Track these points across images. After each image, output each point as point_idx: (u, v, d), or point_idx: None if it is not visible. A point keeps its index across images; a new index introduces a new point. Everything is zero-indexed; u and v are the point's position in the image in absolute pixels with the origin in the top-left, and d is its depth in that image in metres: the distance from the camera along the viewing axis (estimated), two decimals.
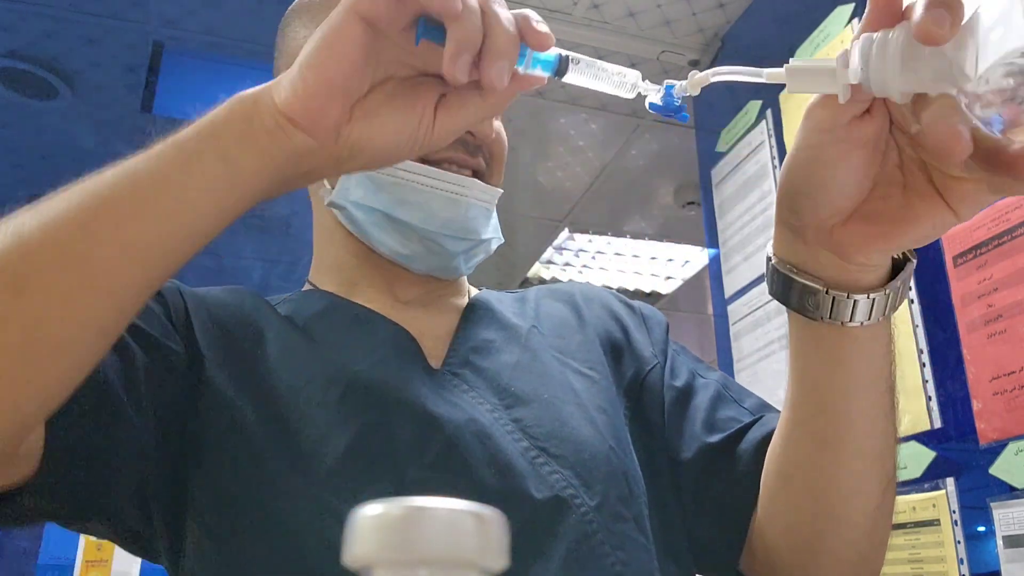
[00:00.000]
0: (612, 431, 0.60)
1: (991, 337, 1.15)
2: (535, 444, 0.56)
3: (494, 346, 0.63)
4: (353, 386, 0.57)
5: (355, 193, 0.63)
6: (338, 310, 0.64)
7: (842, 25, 1.57)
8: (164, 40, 2.00)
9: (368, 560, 0.19)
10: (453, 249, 0.64)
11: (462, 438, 0.55)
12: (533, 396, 0.59)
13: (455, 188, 0.62)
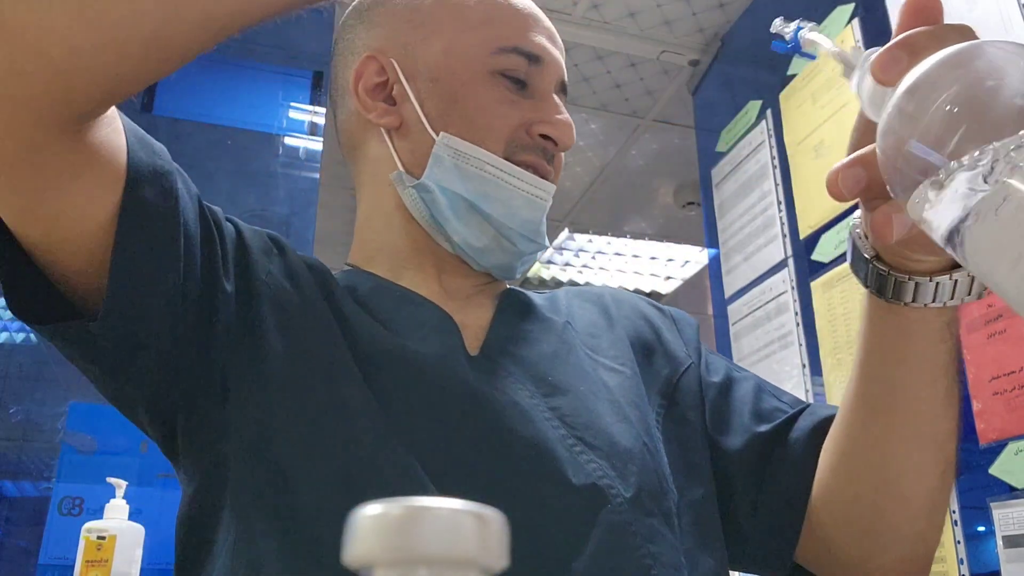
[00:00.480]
0: (644, 428, 0.61)
1: (991, 337, 1.15)
2: (572, 433, 0.57)
3: (531, 336, 0.65)
4: (400, 359, 0.58)
5: (445, 179, 0.65)
6: (384, 291, 0.66)
7: (842, 25, 1.57)
8: None
9: (368, 560, 0.19)
10: (523, 249, 0.66)
11: (504, 419, 0.56)
12: (569, 387, 0.61)
13: (536, 191, 0.65)
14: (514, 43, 0.66)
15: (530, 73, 0.66)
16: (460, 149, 0.64)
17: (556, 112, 0.66)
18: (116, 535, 1.29)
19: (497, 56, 0.66)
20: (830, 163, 1.64)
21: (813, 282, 1.57)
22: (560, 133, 0.66)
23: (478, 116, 0.65)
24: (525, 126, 0.66)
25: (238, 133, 1.94)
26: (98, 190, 0.50)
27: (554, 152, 0.68)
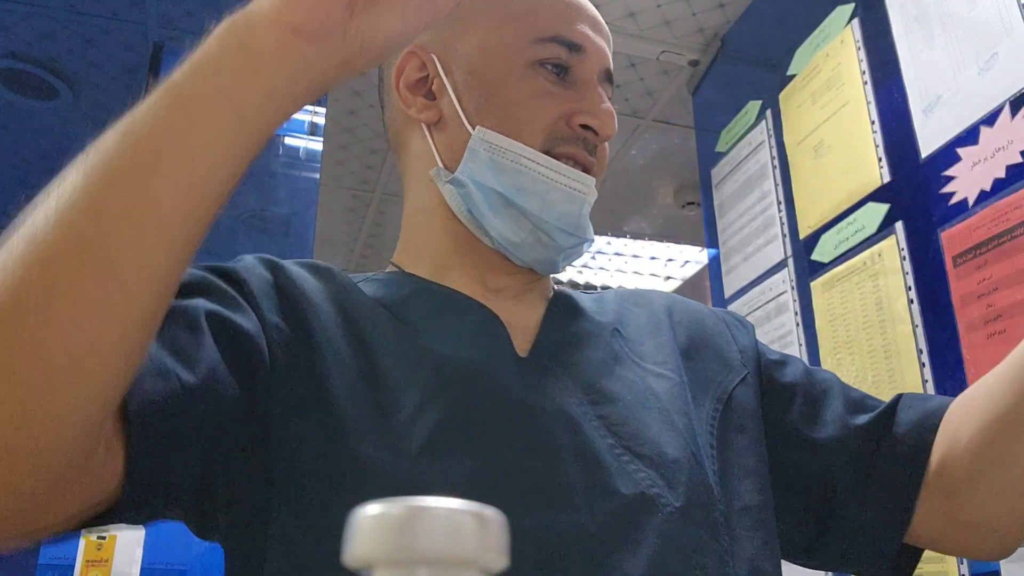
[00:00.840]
0: (692, 436, 0.59)
1: (991, 337, 1.15)
2: (620, 442, 0.56)
3: (580, 341, 0.64)
4: (442, 368, 0.56)
5: (479, 173, 0.64)
6: (427, 293, 0.64)
7: (842, 25, 1.57)
8: (164, 41, 2.00)
9: (368, 560, 0.19)
10: (563, 244, 0.65)
11: (552, 427, 0.55)
12: (617, 396, 0.59)
13: (575, 184, 0.64)
14: (554, 32, 0.65)
15: (571, 62, 0.65)
16: (496, 143, 0.63)
17: (598, 102, 0.65)
18: (116, 535, 1.29)
19: (536, 46, 0.65)
20: (830, 163, 1.64)
21: (813, 282, 1.57)
22: (601, 123, 0.65)
23: (515, 109, 0.64)
24: (565, 117, 0.64)
25: None
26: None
27: (596, 143, 0.66)
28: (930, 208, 1.29)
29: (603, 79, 0.68)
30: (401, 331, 0.60)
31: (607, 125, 0.65)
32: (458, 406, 0.55)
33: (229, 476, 0.52)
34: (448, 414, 0.54)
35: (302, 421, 0.53)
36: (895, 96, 1.40)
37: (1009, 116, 1.16)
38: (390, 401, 0.54)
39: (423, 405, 0.54)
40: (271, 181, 1.96)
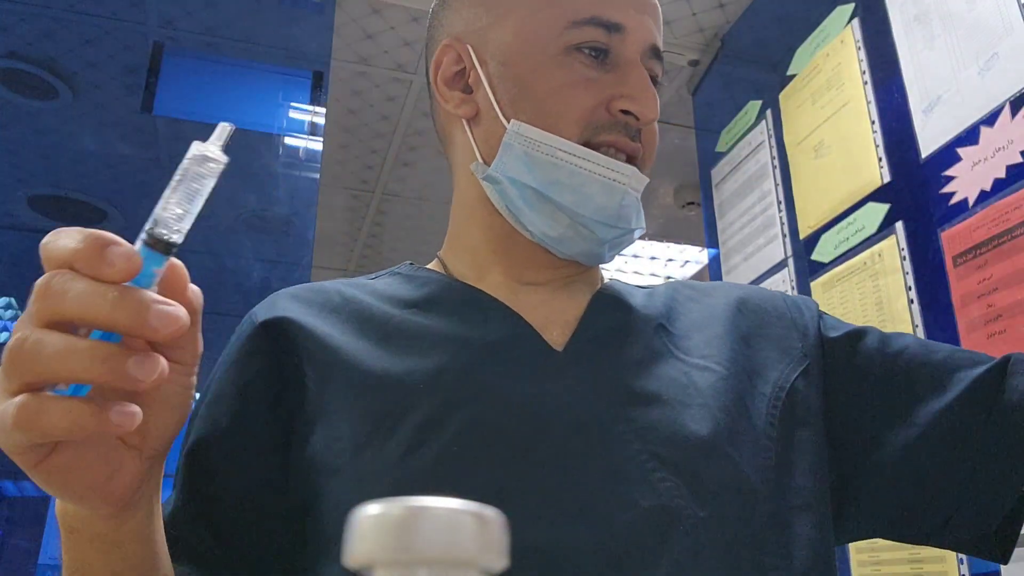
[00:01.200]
0: (732, 437, 0.56)
1: (991, 337, 1.15)
2: (647, 448, 0.54)
3: (620, 336, 0.62)
4: (460, 378, 0.55)
5: (513, 169, 0.62)
6: (449, 294, 0.63)
7: (842, 25, 1.57)
8: (164, 41, 2.00)
9: (368, 560, 0.19)
10: (604, 236, 0.63)
11: (575, 435, 0.53)
12: (652, 397, 0.57)
13: (613, 174, 0.61)
14: (591, 13, 0.62)
15: (612, 43, 0.62)
16: (531, 136, 0.61)
17: (638, 85, 0.62)
18: None
19: (572, 30, 0.62)
20: (830, 163, 1.64)
21: (813, 282, 1.57)
22: (640, 107, 0.61)
23: (549, 100, 0.62)
24: (605, 103, 0.61)
25: (238, 133, 1.93)
26: None
27: (638, 127, 0.63)
28: (930, 208, 1.29)
29: (649, 57, 0.64)
30: (417, 339, 0.59)
31: (649, 108, 0.62)
32: (473, 419, 0.53)
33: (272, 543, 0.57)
34: (462, 427, 0.53)
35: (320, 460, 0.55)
36: (895, 96, 1.40)
37: (1009, 116, 1.16)
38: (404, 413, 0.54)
39: (438, 418, 0.53)
40: (271, 181, 1.96)
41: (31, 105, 2.24)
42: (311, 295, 0.63)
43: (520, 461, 0.52)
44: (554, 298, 0.65)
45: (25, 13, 1.93)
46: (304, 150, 1.94)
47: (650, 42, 0.64)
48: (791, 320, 0.67)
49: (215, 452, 0.57)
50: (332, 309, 0.61)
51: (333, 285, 0.64)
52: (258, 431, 0.57)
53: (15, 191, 2.41)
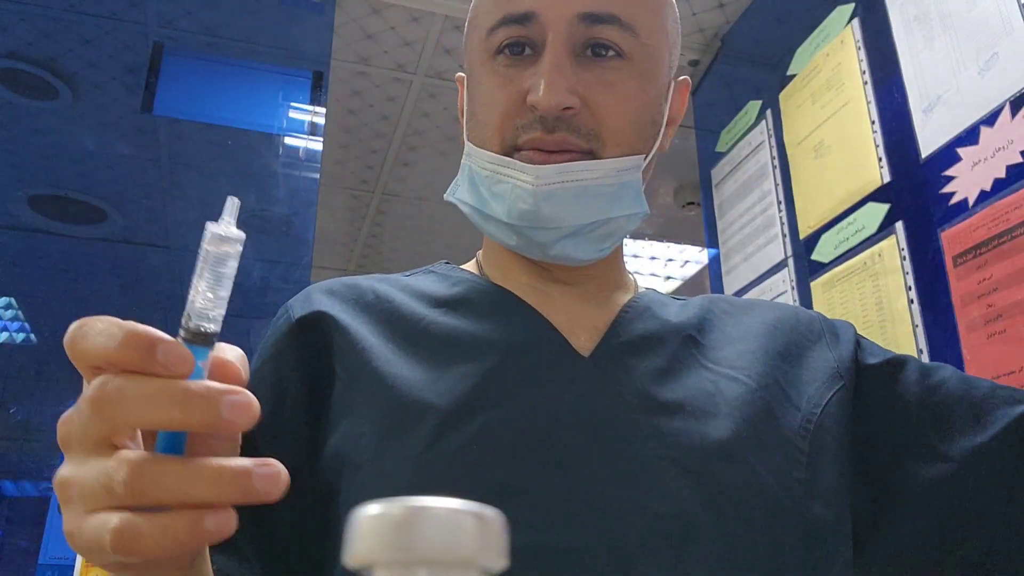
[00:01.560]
0: (757, 447, 0.54)
1: (991, 337, 1.15)
2: (668, 454, 0.53)
3: (647, 346, 0.60)
4: (483, 381, 0.55)
5: (460, 191, 0.63)
6: (479, 295, 0.62)
7: (842, 25, 1.57)
8: (164, 41, 2.00)
9: (368, 560, 0.19)
10: (542, 239, 0.60)
11: (590, 442, 0.53)
12: (676, 407, 0.55)
13: (519, 178, 0.58)
14: (500, 13, 0.59)
15: (531, 34, 0.58)
16: (472, 155, 0.62)
17: (542, 72, 0.57)
18: None
19: (490, 37, 0.60)
20: (830, 163, 1.64)
21: (813, 282, 1.57)
22: (536, 96, 0.56)
23: (479, 112, 0.61)
24: (522, 99, 0.58)
25: (238, 133, 1.94)
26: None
27: (558, 116, 0.57)
28: (930, 208, 1.29)
29: (585, 25, 0.58)
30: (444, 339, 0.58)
31: (544, 99, 0.56)
32: (494, 420, 0.53)
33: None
34: (482, 428, 0.53)
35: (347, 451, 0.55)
36: (895, 96, 1.40)
37: (1009, 116, 1.16)
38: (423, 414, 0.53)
39: (458, 419, 0.53)
40: (271, 181, 1.96)
41: (31, 105, 2.24)
42: (346, 291, 0.63)
43: (537, 463, 0.51)
44: (585, 303, 0.64)
45: (25, 13, 1.93)
46: (304, 150, 1.94)
47: (575, 11, 0.57)
48: (827, 342, 0.66)
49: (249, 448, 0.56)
50: (365, 306, 0.61)
51: (368, 282, 0.64)
52: (293, 428, 0.57)
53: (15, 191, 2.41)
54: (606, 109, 0.58)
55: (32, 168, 2.53)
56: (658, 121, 0.64)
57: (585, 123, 0.58)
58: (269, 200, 1.97)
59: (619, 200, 0.61)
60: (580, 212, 0.59)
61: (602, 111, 0.58)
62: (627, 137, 0.60)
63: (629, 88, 0.59)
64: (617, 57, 0.59)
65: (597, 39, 0.58)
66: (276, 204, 1.97)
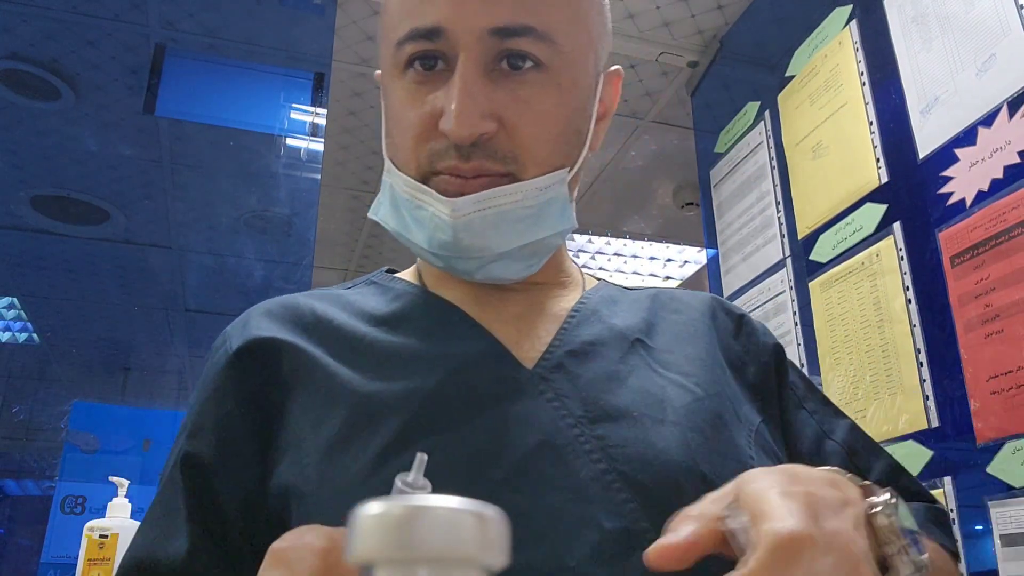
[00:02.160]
0: (708, 455, 0.53)
1: (988, 337, 1.15)
2: (614, 466, 0.51)
3: (593, 351, 0.58)
4: (425, 401, 0.53)
5: (381, 211, 0.61)
6: (419, 309, 0.60)
7: (840, 26, 1.57)
8: (165, 42, 2.01)
9: (369, 559, 0.19)
10: (465, 268, 0.58)
11: (535, 458, 0.51)
12: (623, 413, 0.54)
13: (435, 209, 0.55)
14: (408, 27, 0.54)
15: (442, 48, 0.54)
16: (391, 175, 0.59)
17: (449, 95, 0.53)
18: (118, 533, 1.29)
19: (400, 49, 0.55)
20: (828, 164, 1.64)
21: (811, 282, 1.58)
22: (447, 123, 0.53)
23: (394, 132, 0.57)
24: (435, 122, 0.55)
25: (239, 134, 1.94)
26: None
27: (473, 143, 0.54)
28: (928, 208, 1.30)
29: (497, 39, 0.54)
30: (385, 358, 0.57)
31: (456, 125, 0.52)
32: (436, 442, 0.51)
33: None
34: (424, 451, 0.51)
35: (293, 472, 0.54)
36: (893, 97, 1.41)
37: (1007, 117, 1.17)
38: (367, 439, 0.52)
39: (400, 440, 0.52)
40: (272, 182, 1.96)
41: (33, 106, 2.24)
42: (284, 312, 0.61)
43: (482, 484, 0.50)
44: (529, 309, 0.61)
45: (27, 14, 1.94)
46: (305, 151, 1.95)
47: (485, 26, 0.53)
48: (761, 346, 0.66)
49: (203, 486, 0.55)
50: (304, 328, 0.59)
51: (306, 301, 0.62)
52: (243, 462, 0.55)
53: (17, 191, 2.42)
54: (524, 130, 0.55)
55: (34, 169, 2.54)
56: (583, 129, 0.60)
57: (502, 146, 0.55)
58: (270, 201, 1.97)
59: (543, 220, 0.58)
60: (502, 239, 0.56)
61: (520, 133, 0.55)
62: (547, 156, 0.57)
63: (548, 103, 0.56)
64: (534, 68, 0.55)
65: (512, 50, 0.54)
66: (277, 205, 1.98)
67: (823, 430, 0.64)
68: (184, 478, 0.55)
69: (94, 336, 3.01)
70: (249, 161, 1.97)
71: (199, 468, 0.55)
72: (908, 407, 1.27)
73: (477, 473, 0.51)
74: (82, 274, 2.73)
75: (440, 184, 0.55)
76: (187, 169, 2.16)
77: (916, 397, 1.26)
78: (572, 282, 0.66)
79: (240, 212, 1.99)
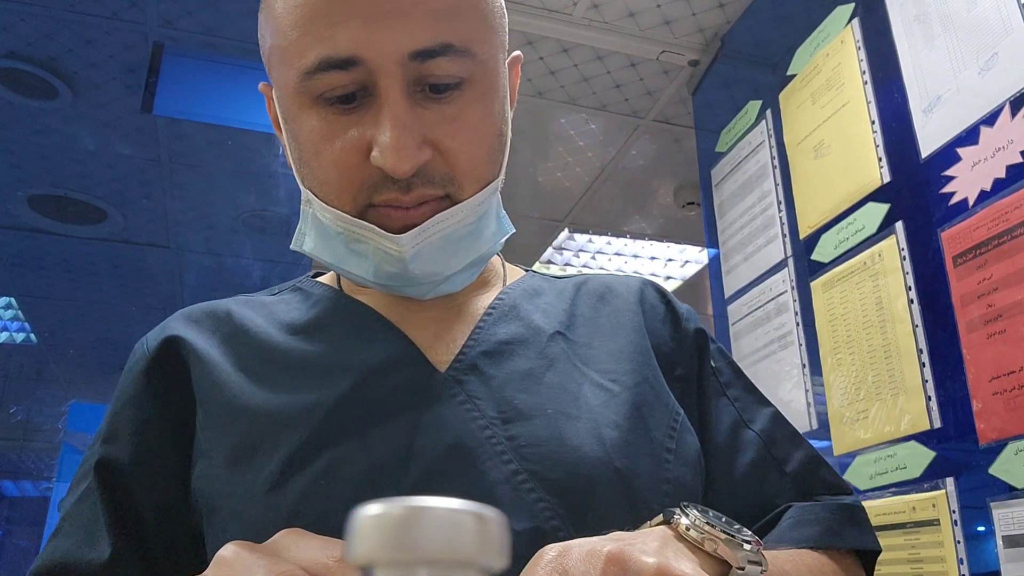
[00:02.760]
0: (624, 450, 0.53)
1: (991, 337, 1.15)
2: (525, 467, 0.51)
3: (509, 350, 0.58)
4: (333, 411, 0.53)
5: (308, 243, 0.59)
6: (336, 315, 0.60)
7: (842, 25, 1.57)
8: (163, 41, 2.00)
9: (368, 560, 0.19)
10: (415, 292, 0.58)
11: (445, 462, 0.51)
12: (537, 410, 0.54)
13: (386, 245, 0.54)
14: (317, 56, 0.51)
15: (359, 77, 0.51)
16: (316, 207, 0.56)
17: (383, 130, 0.51)
18: None
19: (310, 80, 0.52)
20: (830, 163, 1.64)
21: (813, 282, 1.58)
22: (387, 164, 0.51)
23: (314, 164, 0.55)
24: (367, 155, 0.53)
25: (238, 133, 1.94)
26: None
27: (411, 176, 0.52)
28: (930, 208, 1.29)
29: (417, 62, 0.51)
30: (295, 369, 0.56)
31: (395, 162, 0.50)
32: (344, 451, 0.52)
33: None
34: (332, 459, 0.52)
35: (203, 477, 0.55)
36: (895, 96, 1.40)
37: (1009, 116, 1.16)
38: (272, 451, 0.52)
39: (306, 454, 0.52)
40: (271, 181, 1.96)
41: (31, 105, 2.24)
42: (203, 317, 0.61)
43: (388, 490, 0.50)
44: (448, 309, 0.61)
45: (25, 13, 1.93)
46: None
47: (404, 50, 0.51)
48: (688, 333, 0.66)
49: (121, 493, 0.55)
50: (222, 336, 0.60)
51: (227, 305, 0.62)
52: (162, 468, 0.56)
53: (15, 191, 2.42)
54: (458, 152, 0.54)
55: (32, 168, 2.53)
56: (506, 131, 0.59)
57: (439, 170, 0.54)
58: (269, 200, 1.97)
59: (483, 232, 0.58)
60: (450, 260, 0.56)
61: (453, 154, 0.54)
62: (482, 172, 0.56)
63: (476, 118, 0.55)
64: (456, 88, 0.54)
65: (435, 78, 0.52)
66: (276, 204, 1.97)
67: (743, 418, 0.64)
68: (100, 485, 0.55)
69: (92, 336, 3.01)
70: (248, 160, 1.97)
71: (116, 474, 0.56)
72: (910, 408, 1.27)
73: (384, 481, 0.50)
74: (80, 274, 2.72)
75: (380, 218, 0.54)
76: (185, 168, 2.16)
77: (918, 398, 1.26)
78: (494, 278, 0.66)
79: (239, 211, 1.99)
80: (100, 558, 0.52)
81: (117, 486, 0.55)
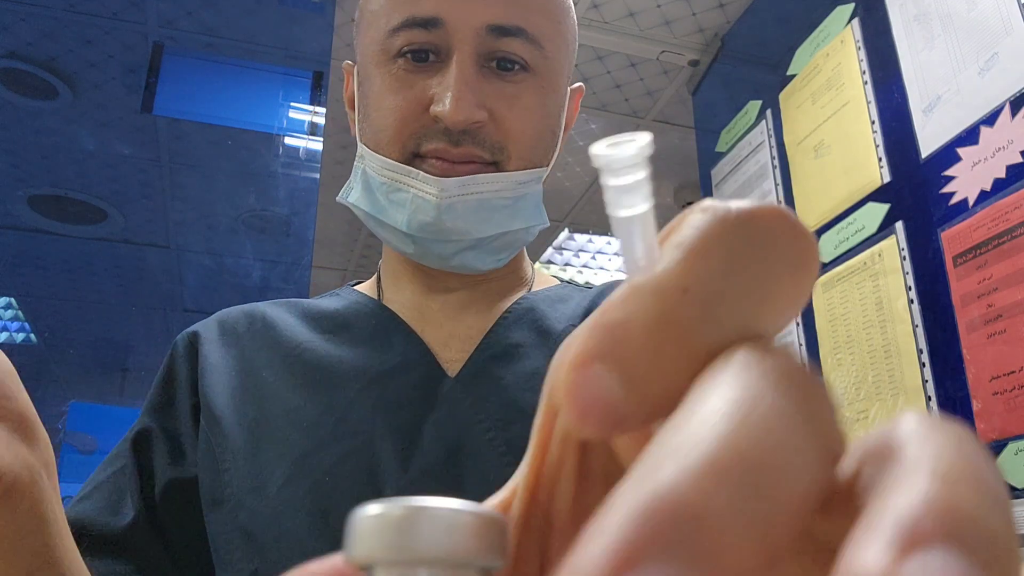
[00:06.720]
0: None
1: (991, 337, 1.15)
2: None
3: (520, 352, 0.59)
4: (346, 412, 0.55)
5: (353, 195, 0.61)
6: (359, 319, 0.62)
7: (842, 25, 1.57)
8: (163, 41, 2.00)
9: (368, 560, 0.19)
10: (442, 251, 0.59)
11: (447, 463, 0.53)
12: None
13: (424, 189, 0.56)
14: (404, 15, 0.56)
15: (435, 40, 0.56)
16: (367, 159, 0.59)
17: (448, 83, 0.55)
18: None
19: (391, 38, 0.56)
20: (830, 163, 1.64)
21: None
22: (443, 108, 0.54)
23: (374, 115, 0.58)
24: (425, 107, 0.56)
25: (238, 133, 1.94)
26: None
27: (463, 128, 0.55)
28: (930, 208, 1.29)
29: (492, 37, 0.56)
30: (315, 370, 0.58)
31: (451, 113, 0.54)
32: (350, 451, 0.53)
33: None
34: (337, 460, 0.53)
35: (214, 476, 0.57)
36: (895, 96, 1.40)
37: (1009, 116, 1.16)
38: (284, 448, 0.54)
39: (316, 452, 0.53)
40: (271, 181, 1.96)
41: (31, 105, 2.24)
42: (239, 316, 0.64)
43: (388, 490, 0.52)
44: (467, 311, 0.62)
45: (25, 13, 1.93)
46: (304, 150, 1.94)
47: (484, 22, 0.55)
48: None
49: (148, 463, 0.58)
50: (252, 334, 0.62)
51: (263, 307, 0.64)
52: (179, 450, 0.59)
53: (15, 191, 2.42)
54: (512, 123, 0.57)
55: (32, 168, 2.53)
56: (557, 133, 0.62)
57: (491, 136, 0.57)
58: (269, 200, 1.97)
59: (519, 212, 0.60)
60: (481, 224, 0.58)
61: (508, 125, 0.57)
62: (530, 151, 0.59)
63: (533, 102, 0.58)
64: (522, 71, 0.58)
65: (504, 54, 0.57)
66: (276, 204, 1.97)
67: None
68: (135, 455, 0.58)
69: (92, 336, 3.01)
70: (248, 160, 1.97)
71: (148, 446, 0.58)
72: (910, 408, 1.27)
73: (384, 480, 0.52)
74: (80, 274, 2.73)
75: (426, 167, 0.57)
76: (185, 168, 2.16)
77: (918, 398, 1.26)
78: (520, 284, 0.67)
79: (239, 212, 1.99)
80: (119, 524, 0.54)
81: (147, 458, 0.58)
